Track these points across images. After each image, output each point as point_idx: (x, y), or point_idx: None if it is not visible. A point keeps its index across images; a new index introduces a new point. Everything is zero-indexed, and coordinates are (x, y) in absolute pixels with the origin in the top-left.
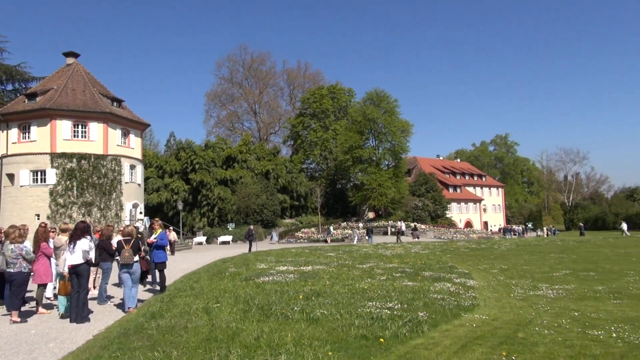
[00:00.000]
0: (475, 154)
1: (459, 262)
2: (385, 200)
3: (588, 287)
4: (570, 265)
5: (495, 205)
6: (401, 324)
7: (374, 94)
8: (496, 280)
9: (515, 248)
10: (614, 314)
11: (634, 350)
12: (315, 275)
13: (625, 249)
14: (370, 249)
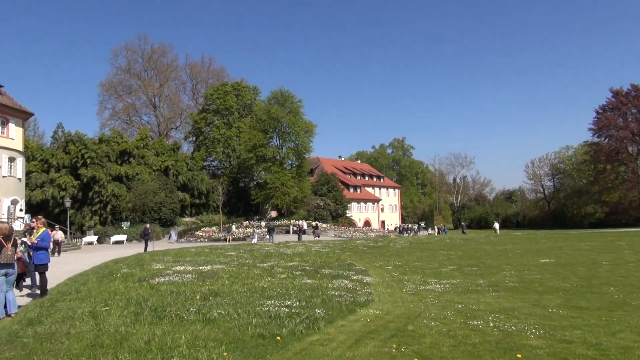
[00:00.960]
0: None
1: (357, 260)
2: (288, 200)
3: (471, 281)
4: (456, 261)
5: (392, 205)
6: (298, 322)
7: (279, 93)
8: (390, 277)
9: (409, 246)
10: (492, 305)
11: (507, 337)
12: (214, 275)
13: (504, 246)
14: (272, 248)
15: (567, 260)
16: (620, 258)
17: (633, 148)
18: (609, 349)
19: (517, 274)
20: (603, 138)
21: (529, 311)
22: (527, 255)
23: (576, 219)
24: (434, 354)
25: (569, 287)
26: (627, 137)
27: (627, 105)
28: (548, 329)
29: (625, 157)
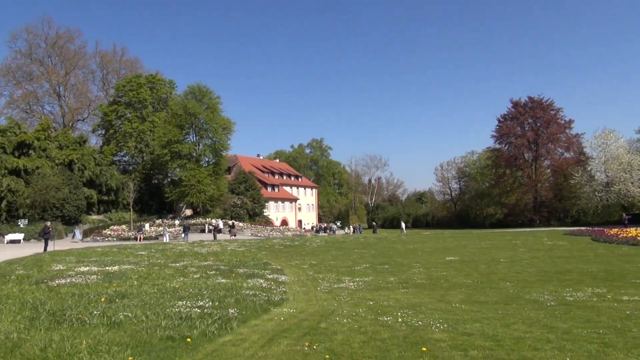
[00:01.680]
0: (294, 155)
1: (273, 259)
2: (204, 198)
3: (383, 279)
4: (370, 259)
5: (309, 204)
6: (210, 322)
7: (197, 88)
8: (306, 275)
9: (324, 245)
10: (402, 301)
11: (414, 332)
12: (122, 276)
13: (414, 245)
14: (186, 247)
15: (470, 258)
16: (516, 256)
17: (529, 155)
18: (504, 339)
19: (425, 272)
20: (503, 145)
21: (435, 306)
22: (435, 253)
23: (479, 219)
24: (345, 351)
25: (471, 283)
26: (524, 145)
27: (524, 115)
28: (451, 322)
29: (522, 162)
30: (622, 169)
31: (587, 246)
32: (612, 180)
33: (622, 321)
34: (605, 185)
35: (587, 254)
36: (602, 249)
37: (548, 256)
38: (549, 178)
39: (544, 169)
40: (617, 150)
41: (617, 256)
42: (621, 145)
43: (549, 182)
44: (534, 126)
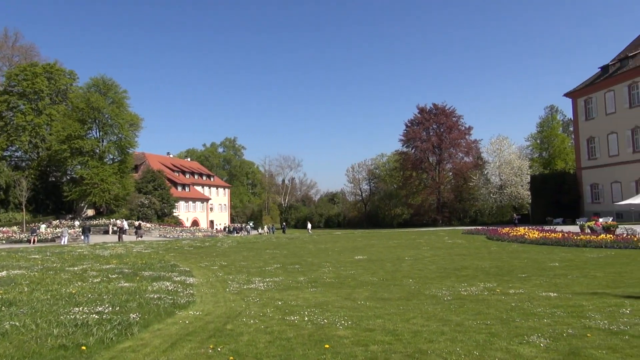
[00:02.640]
0: (206, 154)
1: (181, 261)
2: (108, 197)
3: (293, 279)
4: (281, 259)
5: (221, 204)
6: (109, 328)
7: (101, 81)
8: (215, 277)
9: (236, 246)
10: (310, 300)
11: (319, 330)
12: (10, 282)
13: (325, 245)
14: (86, 250)
15: (377, 257)
16: (420, 254)
17: (433, 158)
18: (403, 333)
19: (335, 271)
20: (410, 148)
21: (341, 304)
22: (345, 252)
23: (387, 219)
24: (250, 351)
25: (377, 280)
26: (428, 149)
27: (429, 121)
28: (355, 319)
29: (427, 166)
30: (513, 173)
31: (482, 244)
32: (505, 183)
33: (507, 312)
34: (499, 187)
35: (481, 252)
36: (495, 247)
37: (448, 254)
38: (451, 180)
39: (446, 171)
40: (509, 155)
41: (507, 253)
42: (513, 152)
43: (450, 184)
44: (438, 131)
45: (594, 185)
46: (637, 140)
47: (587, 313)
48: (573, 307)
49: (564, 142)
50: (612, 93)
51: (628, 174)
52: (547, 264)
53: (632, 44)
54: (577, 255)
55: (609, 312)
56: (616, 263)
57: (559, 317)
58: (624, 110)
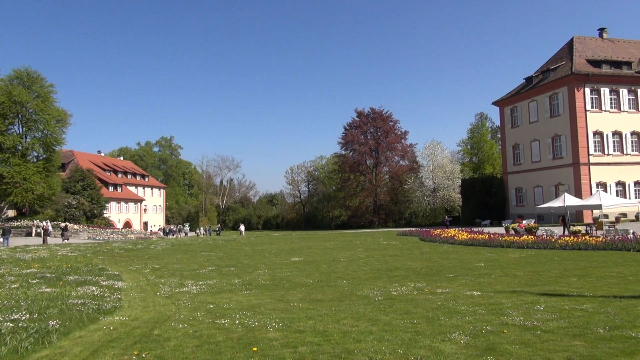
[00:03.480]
0: (140, 153)
1: (110, 264)
2: (32, 197)
3: (227, 281)
4: (216, 262)
5: (156, 205)
6: (25, 337)
7: (24, 73)
8: (146, 280)
9: (170, 248)
10: (243, 303)
11: (250, 333)
12: None
13: (262, 246)
14: (5, 253)
15: (313, 258)
16: (355, 255)
17: (370, 161)
18: (332, 334)
19: (270, 272)
20: (349, 151)
21: (274, 306)
22: (281, 254)
23: (325, 221)
24: (176, 357)
25: (311, 282)
26: (366, 152)
27: (367, 125)
28: (287, 321)
29: (365, 168)
30: (445, 176)
31: (415, 245)
32: (438, 186)
33: (433, 311)
34: (433, 190)
35: (414, 253)
36: (427, 248)
37: (382, 255)
38: (387, 183)
39: (383, 174)
40: (442, 160)
41: (438, 254)
42: (445, 156)
43: (387, 186)
44: (375, 135)
45: (519, 189)
46: (556, 147)
47: (505, 310)
48: (493, 305)
49: (492, 148)
50: (535, 103)
51: (548, 178)
52: (473, 264)
53: (553, 57)
54: (501, 256)
55: (525, 309)
56: (535, 262)
57: (480, 314)
58: (545, 120)
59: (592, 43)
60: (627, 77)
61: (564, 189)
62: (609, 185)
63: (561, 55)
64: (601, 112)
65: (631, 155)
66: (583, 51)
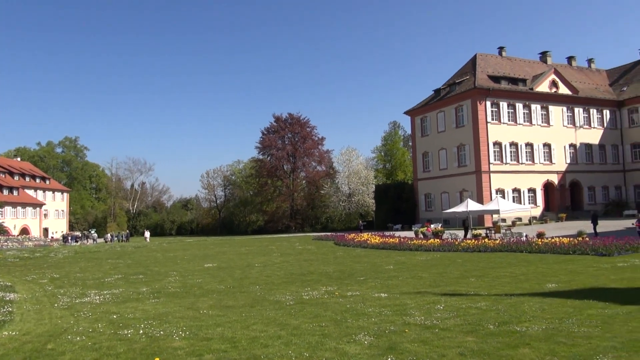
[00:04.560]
0: (40, 154)
1: (2, 274)
2: None
3: (134, 289)
4: (124, 269)
5: (58, 210)
6: None
7: None
8: (43, 291)
9: (73, 256)
10: (149, 312)
11: (154, 343)
12: None
13: (175, 253)
14: None
15: (227, 264)
16: (270, 260)
17: (288, 166)
18: (240, 340)
19: (181, 279)
20: (266, 156)
21: (183, 314)
22: (195, 260)
23: (242, 226)
24: None
25: (223, 288)
26: (283, 157)
27: (285, 130)
28: (194, 329)
29: (282, 173)
30: (360, 182)
31: (329, 249)
32: (353, 191)
33: (342, 314)
34: (348, 196)
35: (328, 257)
36: (341, 252)
37: (297, 260)
38: (304, 188)
39: (300, 179)
40: (357, 166)
41: (351, 257)
42: (360, 162)
43: (304, 192)
44: (293, 140)
45: (428, 195)
46: (461, 156)
47: (409, 311)
48: (398, 306)
49: (404, 155)
50: (443, 114)
51: (454, 185)
52: (383, 267)
53: (459, 72)
54: (410, 258)
55: (427, 309)
56: (440, 264)
57: (385, 315)
58: (452, 130)
59: (493, 60)
60: (522, 92)
61: (468, 195)
62: (506, 191)
63: (466, 70)
64: (500, 125)
65: (525, 164)
66: (485, 67)
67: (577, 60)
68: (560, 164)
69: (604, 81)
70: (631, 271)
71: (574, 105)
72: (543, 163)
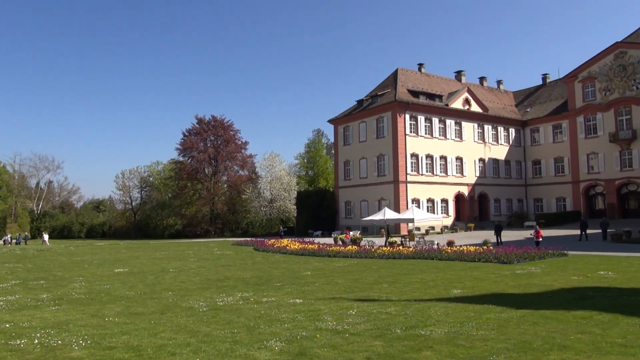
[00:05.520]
0: None
1: None
2: None
3: (33, 296)
4: (23, 274)
5: None
6: None
7: None
8: None
9: None
10: (48, 320)
11: (49, 353)
12: None
13: (82, 257)
14: None
15: (139, 269)
16: (186, 265)
17: (209, 169)
18: (146, 349)
19: (87, 285)
20: (187, 158)
21: (86, 322)
22: (104, 265)
23: (158, 229)
24: None
25: (133, 294)
26: (205, 160)
27: (207, 132)
28: (97, 338)
29: (203, 176)
30: (283, 188)
31: (248, 255)
32: (275, 197)
33: (255, 320)
34: (270, 201)
35: (246, 262)
36: (260, 257)
37: (214, 265)
38: (226, 192)
39: (221, 183)
40: (280, 172)
41: (269, 263)
42: (283, 168)
43: (225, 196)
44: (216, 143)
45: (348, 202)
46: (381, 166)
47: (322, 316)
48: (312, 312)
49: (327, 163)
50: (364, 124)
51: (373, 194)
52: (301, 273)
53: (381, 84)
54: (327, 265)
55: (339, 314)
56: (355, 271)
57: (298, 321)
58: (373, 140)
59: (413, 75)
60: (438, 108)
61: (386, 203)
62: (421, 201)
63: (387, 83)
64: (417, 137)
65: (439, 176)
66: (405, 82)
67: (488, 81)
68: (471, 177)
69: (511, 102)
70: (527, 278)
71: (484, 122)
72: (455, 175)
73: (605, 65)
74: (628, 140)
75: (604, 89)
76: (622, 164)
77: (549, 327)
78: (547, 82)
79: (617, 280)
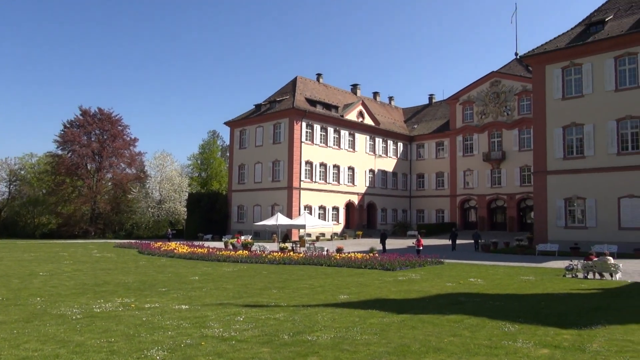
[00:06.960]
0: None
1: None
2: None
3: None
4: None
5: None
6: None
7: None
8: None
9: None
10: None
11: None
12: None
13: None
14: None
15: (3, 272)
16: (59, 268)
17: (92, 165)
18: None
19: None
20: (67, 152)
21: None
22: None
23: (29, 228)
24: None
25: None
26: (88, 155)
27: (92, 125)
28: None
29: (84, 173)
30: (173, 189)
31: (132, 258)
32: (165, 198)
33: (135, 328)
34: (159, 202)
35: (129, 266)
36: (144, 261)
37: (92, 268)
38: (110, 191)
39: (106, 181)
40: (171, 172)
41: (155, 267)
42: (175, 169)
43: (108, 194)
44: (101, 138)
45: (241, 207)
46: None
47: (208, 322)
48: (198, 318)
49: (221, 166)
50: (262, 129)
51: (267, 199)
52: (188, 277)
53: (280, 91)
54: (216, 269)
55: (227, 320)
56: (245, 276)
57: (183, 328)
58: (269, 145)
59: (311, 84)
60: (334, 118)
61: (279, 209)
62: (314, 208)
63: (286, 90)
64: (313, 145)
65: (332, 184)
66: (303, 90)
67: (380, 96)
68: (361, 186)
69: (401, 117)
70: (408, 284)
71: (375, 135)
72: (347, 184)
73: (482, 92)
74: (498, 160)
75: (480, 113)
76: (493, 181)
77: (425, 330)
78: (433, 102)
79: (484, 286)
